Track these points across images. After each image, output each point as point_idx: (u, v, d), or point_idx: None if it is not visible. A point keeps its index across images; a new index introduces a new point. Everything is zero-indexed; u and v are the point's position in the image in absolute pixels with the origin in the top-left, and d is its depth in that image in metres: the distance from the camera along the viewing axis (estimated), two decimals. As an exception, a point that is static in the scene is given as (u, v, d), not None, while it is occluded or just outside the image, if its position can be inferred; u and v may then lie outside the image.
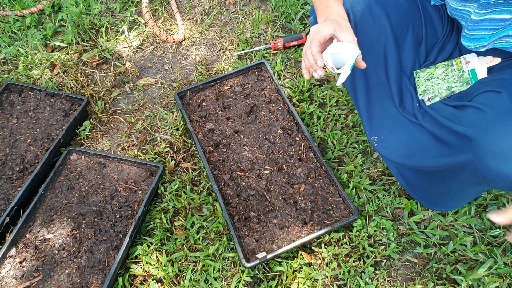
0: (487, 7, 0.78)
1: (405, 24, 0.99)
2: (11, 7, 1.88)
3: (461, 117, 0.87)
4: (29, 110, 1.48)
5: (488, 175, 0.82)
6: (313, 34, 0.87)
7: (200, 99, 1.51)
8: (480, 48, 0.88)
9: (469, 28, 0.86)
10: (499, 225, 0.74)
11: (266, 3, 1.85)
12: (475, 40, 0.87)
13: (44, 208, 1.25)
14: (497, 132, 0.77)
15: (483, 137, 0.80)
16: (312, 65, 0.86)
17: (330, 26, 0.85)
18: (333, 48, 0.85)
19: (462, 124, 0.86)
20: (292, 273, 1.14)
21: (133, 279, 1.17)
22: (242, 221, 1.21)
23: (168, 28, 1.80)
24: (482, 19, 0.81)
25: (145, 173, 1.33)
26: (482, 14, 0.80)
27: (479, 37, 0.85)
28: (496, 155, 0.77)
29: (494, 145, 0.77)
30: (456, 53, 1.07)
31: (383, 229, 1.22)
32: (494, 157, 0.78)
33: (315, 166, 1.32)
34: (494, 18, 0.79)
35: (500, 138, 0.77)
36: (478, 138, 0.81)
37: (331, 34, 0.86)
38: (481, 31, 0.84)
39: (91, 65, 1.67)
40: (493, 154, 0.78)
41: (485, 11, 0.79)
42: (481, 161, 0.81)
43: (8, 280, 1.12)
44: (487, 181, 0.85)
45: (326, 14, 0.93)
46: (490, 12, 0.78)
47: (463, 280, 1.11)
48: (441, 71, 1.04)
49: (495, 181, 0.82)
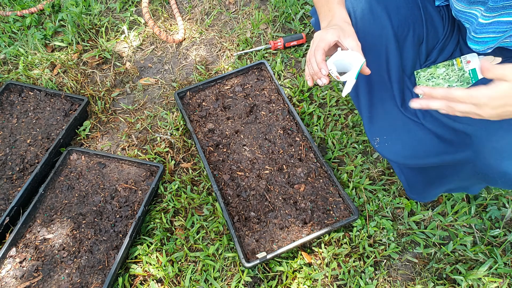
0: (496, 10, 0.77)
1: (406, 25, 0.99)
2: (11, 7, 1.88)
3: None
4: (29, 110, 1.48)
5: (488, 172, 0.82)
6: (317, 41, 0.86)
7: (200, 99, 1.51)
8: (487, 50, 0.88)
9: (477, 31, 0.85)
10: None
11: (266, 3, 1.85)
12: (483, 43, 0.86)
13: (44, 208, 1.25)
14: (496, 129, 0.77)
15: (483, 135, 0.80)
16: (317, 72, 0.85)
17: (334, 33, 0.84)
18: (337, 56, 0.85)
19: (462, 122, 0.86)
20: (292, 273, 1.14)
21: (133, 279, 1.17)
22: (242, 221, 1.21)
23: (168, 28, 1.80)
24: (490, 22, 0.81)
25: (145, 173, 1.33)
26: (490, 17, 0.80)
27: (487, 40, 0.85)
28: (495, 153, 0.77)
29: (494, 142, 0.77)
30: (457, 52, 1.07)
31: (383, 229, 1.22)
32: (494, 155, 0.78)
33: (315, 166, 1.32)
34: (503, 20, 0.78)
35: (499, 135, 0.77)
36: (478, 136, 0.81)
37: (335, 41, 0.85)
38: (489, 33, 0.83)
39: (91, 65, 1.67)
40: (492, 151, 0.78)
41: (494, 14, 0.78)
42: (480, 159, 0.81)
43: (8, 280, 1.12)
44: (487, 179, 0.85)
45: (329, 18, 0.92)
46: (498, 15, 0.78)
47: (463, 280, 1.11)
48: (442, 70, 1.04)
49: (495, 178, 0.82)
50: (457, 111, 0.68)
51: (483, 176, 0.85)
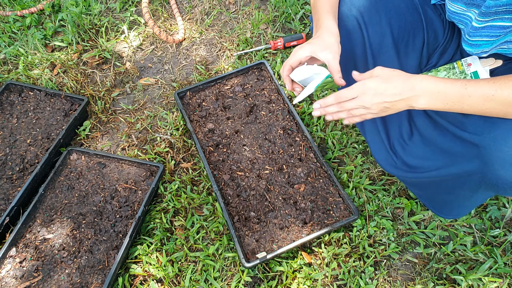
0: (489, 15, 0.77)
1: (406, 31, 0.99)
2: (11, 7, 1.88)
3: (466, 123, 0.85)
4: (29, 110, 1.48)
5: (498, 183, 0.81)
6: (291, 55, 0.91)
7: (200, 99, 1.51)
8: (482, 53, 0.88)
9: (470, 34, 0.85)
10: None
11: (266, 3, 1.85)
12: (476, 46, 0.86)
13: (44, 208, 1.25)
14: (506, 139, 0.76)
15: (492, 145, 0.78)
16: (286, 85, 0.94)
17: (309, 48, 0.88)
18: (299, 71, 0.91)
19: (468, 131, 0.84)
20: (292, 273, 1.14)
21: (133, 279, 1.17)
22: (242, 221, 1.21)
23: (168, 28, 1.80)
24: (483, 26, 0.80)
25: (145, 173, 1.33)
26: (483, 22, 0.80)
27: (480, 43, 0.85)
28: (505, 163, 0.76)
29: (504, 153, 0.76)
30: (457, 55, 1.06)
31: (383, 229, 1.22)
32: (504, 165, 0.77)
33: (315, 166, 1.32)
34: (495, 25, 0.78)
35: (509, 146, 0.75)
36: (487, 146, 0.79)
37: (307, 57, 0.89)
38: (482, 37, 0.83)
39: (91, 65, 1.67)
40: (502, 162, 0.77)
41: (487, 19, 0.78)
42: (490, 169, 0.80)
43: (8, 280, 1.12)
44: (497, 189, 0.83)
45: (317, 27, 0.95)
46: (491, 20, 0.78)
47: (463, 280, 1.11)
48: (443, 74, 1.04)
49: (505, 188, 0.81)
50: (351, 112, 0.82)
51: (492, 186, 0.84)
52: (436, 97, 0.76)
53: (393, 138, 1.06)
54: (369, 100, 0.78)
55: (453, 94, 0.74)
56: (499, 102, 0.72)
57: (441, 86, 0.75)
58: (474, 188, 0.94)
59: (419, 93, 0.76)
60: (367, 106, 0.79)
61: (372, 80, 0.78)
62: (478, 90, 0.73)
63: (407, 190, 1.30)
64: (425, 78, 0.76)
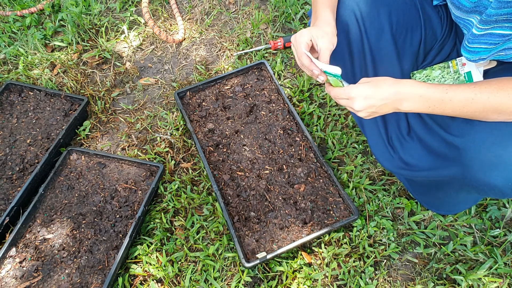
0: (489, 23, 0.78)
1: (404, 27, 0.99)
2: (11, 7, 1.88)
3: (451, 126, 0.88)
4: (29, 110, 1.48)
5: (477, 185, 0.83)
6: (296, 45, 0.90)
7: (200, 99, 1.51)
8: (479, 60, 0.88)
9: (469, 41, 0.86)
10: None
11: (266, 3, 1.85)
12: (474, 53, 0.87)
13: (44, 208, 1.25)
14: (484, 142, 0.78)
15: (471, 147, 0.80)
16: (312, 75, 0.90)
17: (307, 33, 0.88)
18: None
19: (452, 133, 0.87)
20: (292, 273, 1.14)
21: (133, 279, 1.17)
22: (242, 221, 1.21)
23: (168, 28, 1.80)
24: (483, 33, 0.81)
25: (145, 173, 1.33)
26: (483, 30, 0.80)
27: (479, 50, 0.85)
28: (483, 166, 0.78)
29: (482, 155, 0.78)
30: (454, 54, 1.07)
31: (383, 229, 1.22)
32: (482, 167, 0.78)
33: (315, 166, 1.32)
34: (495, 33, 0.79)
35: (487, 148, 0.77)
36: (466, 148, 0.81)
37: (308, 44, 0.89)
38: (481, 44, 0.84)
39: (91, 65, 1.67)
40: (480, 164, 0.79)
41: (487, 27, 0.79)
42: (469, 171, 0.82)
43: (8, 280, 1.12)
44: (477, 191, 0.86)
45: (314, 19, 0.96)
46: (491, 28, 0.79)
47: (463, 280, 1.11)
48: (437, 73, 1.04)
49: (484, 190, 0.82)
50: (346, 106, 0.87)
51: (472, 188, 0.86)
52: (419, 100, 0.80)
53: (391, 132, 1.08)
54: (358, 104, 0.83)
55: (434, 98, 0.79)
56: (478, 105, 0.75)
57: (423, 90, 0.79)
58: (457, 189, 0.96)
59: (403, 96, 0.80)
60: (356, 110, 0.84)
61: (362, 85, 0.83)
62: (459, 94, 0.77)
63: (407, 191, 1.30)
64: (409, 82, 0.81)
